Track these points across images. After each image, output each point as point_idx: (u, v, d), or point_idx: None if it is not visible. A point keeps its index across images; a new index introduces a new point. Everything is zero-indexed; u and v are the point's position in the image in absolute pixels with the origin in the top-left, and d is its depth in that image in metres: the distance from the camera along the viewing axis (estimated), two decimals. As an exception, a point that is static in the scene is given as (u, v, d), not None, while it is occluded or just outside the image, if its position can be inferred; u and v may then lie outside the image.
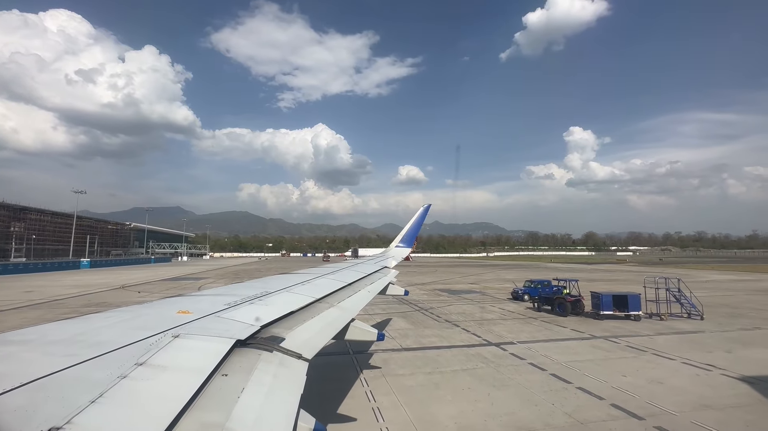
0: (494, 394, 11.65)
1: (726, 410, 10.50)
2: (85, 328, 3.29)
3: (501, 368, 14.17)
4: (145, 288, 42.42)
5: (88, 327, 3.36)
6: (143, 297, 34.84)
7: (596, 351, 16.44)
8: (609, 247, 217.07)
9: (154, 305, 4.51)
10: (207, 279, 53.84)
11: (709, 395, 11.54)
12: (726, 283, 46.09)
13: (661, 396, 11.42)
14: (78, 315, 22.88)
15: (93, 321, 3.63)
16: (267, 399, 2.56)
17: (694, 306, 23.88)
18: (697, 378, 13.03)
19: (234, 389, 2.52)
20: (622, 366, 14.36)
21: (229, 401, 2.37)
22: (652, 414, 10.16)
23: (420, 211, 16.73)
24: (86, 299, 33.06)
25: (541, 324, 21.95)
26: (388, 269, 12.83)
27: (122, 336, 3.00)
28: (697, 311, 23.67)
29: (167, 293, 38.04)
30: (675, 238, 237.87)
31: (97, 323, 3.53)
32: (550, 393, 11.69)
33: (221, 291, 5.68)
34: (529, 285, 32.13)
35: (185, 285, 45.36)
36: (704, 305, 28.67)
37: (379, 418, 10.05)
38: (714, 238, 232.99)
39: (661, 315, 23.43)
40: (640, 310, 23.09)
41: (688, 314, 23.80)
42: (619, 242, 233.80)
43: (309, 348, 3.76)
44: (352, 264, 12.79)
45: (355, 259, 15.42)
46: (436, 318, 24.09)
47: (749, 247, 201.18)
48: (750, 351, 16.27)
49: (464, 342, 18.08)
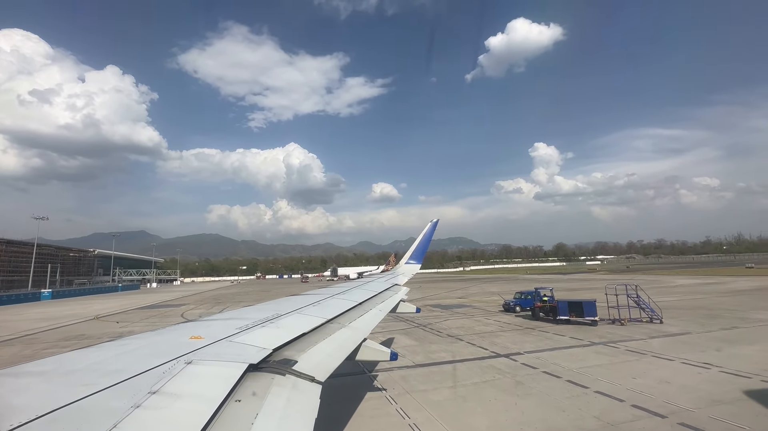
0: (521, 403, 11.99)
1: (735, 403, 11.32)
2: (101, 357, 3.33)
3: (518, 378, 14.56)
4: (123, 318, 40.14)
5: (104, 355, 3.38)
6: (124, 327, 32.98)
7: (600, 356, 17.19)
8: (578, 257, 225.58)
9: (167, 331, 4.56)
10: (188, 305, 51.62)
11: (716, 391, 12.38)
12: (694, 287, 49.12)
13: (674, 394, 12.15)
14: (58, 349, 21.44)
15: (108, 349, 3.65)
16: (281, 425, 2.55)
17: (653, 310, 25.28)
18: (700, 376, 13.93)
19: (247, 415, 2.51)
20: (629, 369, 15.12)
21: (243, 428, 2.38)
22: (672, 412, 10.81)
23: (428, 226, 17.12)
24: (61, 332, 30.90)
25: (540, 334, 22.66)
26: (399, 286, 13.04)
27: (136, 363, 3.02)
28: (657, 316, 24.93)
29: (149, 322, 36.19)
30: (638, 246, 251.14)
31: (112, 351, 3.55)
32: (573, 399, 12.16)
33: (233, 315, 5.69)
34: (520, 297, 33.13)
35: (167, 313, 43.29)
36: (682, 308, 30.66)
37: (420, 434, 10.12)
38: (673, 245, 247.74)
39: (621, 321, 24.79)
40: (596, 316, 24.61)
41: (650, 319, 25.00)
42: (588, 252, 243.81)
43: (322, 370, 3.73)
44: (363, 282, 12.89)
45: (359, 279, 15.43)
46: (437, 333, 24.31)
47: (704, 252, 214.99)
48: (737, 349, 17.52)
49: (473, 355, 18.39)
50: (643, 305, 25.70)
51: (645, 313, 25.36)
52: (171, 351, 3.38)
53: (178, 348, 3.47)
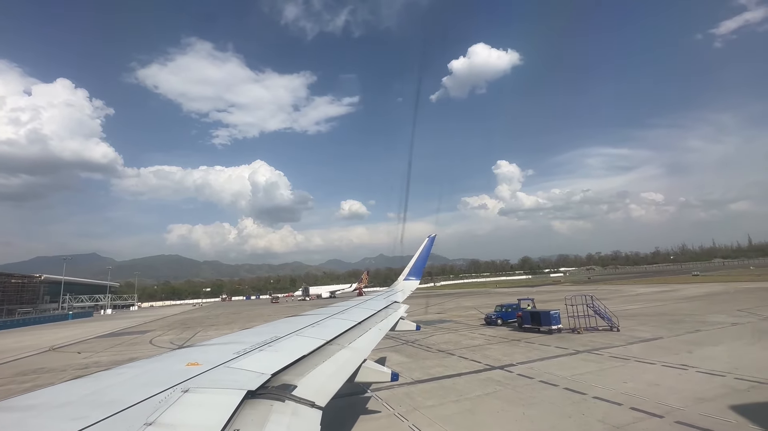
0: (528, 412, 12.41)
1: (717, 400, 12.34)
2: (96, 387, 3.22)
3: (518, 388, 15.03)
4: (84, 347, 37.10)
5: (97, 386, 3.27)
6: (88, 358, 30.51)
7: (589, 364, 18.08)
8: (543, 270, 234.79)
9: (162, 358, 4.46)
10: (154, 332, 48.54)
11: (698, 389, 13.44)
12: (652, 295, 52.55)
13: (664, 395, 13.05)
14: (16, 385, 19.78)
15: (103, 379, 3.55)
16: None
17: (609, 319, 26.97)
18: (681, 377, 15.04)
19: None
20: (618, 374, 16.04)
21: None
22: (667, 412, 11.63)
23: (426, 242, 17.42)
24: (15, 367, 28.09)
25: (527, 345, 23.45)
26: (398, 304, 13.22)
27: (132, 393, 2.92)
28: (614, 324, 26.50)
29: (116, 351, 33.74)
30: (596, 258, 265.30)
31: (106, 381, 3.44)
32: (574, 405, 12.75)
33: (230, 339, 5.61)
34: (500, 310, 34.14)
35: (134, 340, 40.50)
36: (648, 315, 32.81)
37: (440, 449, 10.22)
38: (627, 256, 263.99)
39: (577, 329, 26.54)
40: (558, 324, 26.81)
41: (611, 327, 26.44)
42: (551, 264, 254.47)
43: (322, 394, 3.64)
44: (362, 300, 13.03)
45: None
46: (427, 349, 24.50)
47: (654, 262, 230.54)
48: (705, 350, 19.04)
49: (468, 368, 18.73)
50: (600, 314, 27.38)
51: (605, 322, 26.96)
52: (167, 379, 3.27)
53: (175, 376, 3.36)
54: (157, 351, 31.95)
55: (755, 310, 30.52)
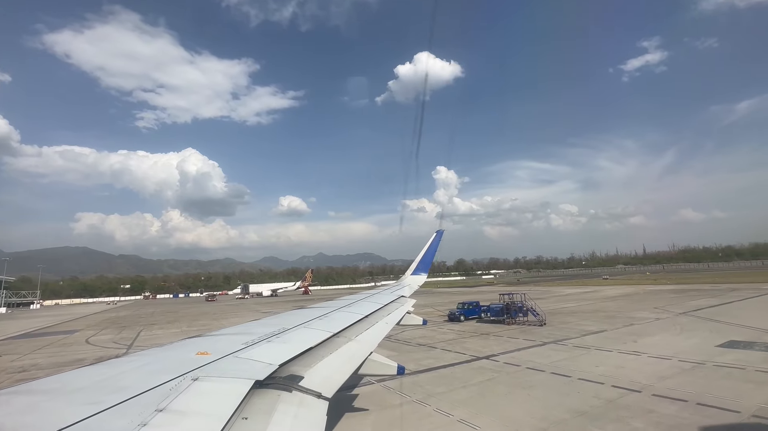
0: (532, 394, 14.04)
1: (674, 377, 15.09)
2: (108, 374, 3.33)
3: (512, 374, 16.73)
4: (2, 350, 32.06)
5: (110, 372, 3.38)
6: (16, 361, 26.61)
7: (560, 353, 20.52)
8: (476, 272, 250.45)
9: (174, 347, 4.58)
10: (83, 331, 43.28)
11: (657, 369, 16.21)
12: (579, 295, 59.48)
13: (633, 375, 15.55)
14: None
15: (115, 366, 3.67)
16: None
17: (537, 314, 31.17)
18: (640, 361, 17.90)
19: None
20: (588, 360, 18.54)
21: None
22: (643, 388, 13.98)
23: (433, 236, 18.10)
24: None
25: (497, 338, 25.67)
26: (405, 298, 14.09)
27: (143, 380, 3.00)
28: (541, 319, 30.69)
29: (48, 353, 29.83)
30: (522, 262, 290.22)
31: (119, 368, 3.55)
32: (567, 386, 14.68)
33: (239, 330, 5.76)
34: (462, 307, 36.58)
35: (63, 341, 35.86)
36: (585, 312, 37.39)
37: (475, 427, 11.30)
38: (547, 261, 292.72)
39: (507, 321, 31.48)
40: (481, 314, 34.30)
41: (540, 323, 30.33)
42: (483, 266, 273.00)
43: (329, 385, 3.72)
44: (369, 294, 13.72)
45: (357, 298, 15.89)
46: (406, 343, 25.58)
47: (570, 267, 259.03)
48: (646, 340, 22.62)
49: (457, 359, 20.16)
50: (531, 310, 31.51)
51: (536, 318, 30.86)
52: (177, 367, 3.37)
53: (185, 365, 3.45)
54: (102, 351, 28.94)
55: (667, 308, 36.45)
